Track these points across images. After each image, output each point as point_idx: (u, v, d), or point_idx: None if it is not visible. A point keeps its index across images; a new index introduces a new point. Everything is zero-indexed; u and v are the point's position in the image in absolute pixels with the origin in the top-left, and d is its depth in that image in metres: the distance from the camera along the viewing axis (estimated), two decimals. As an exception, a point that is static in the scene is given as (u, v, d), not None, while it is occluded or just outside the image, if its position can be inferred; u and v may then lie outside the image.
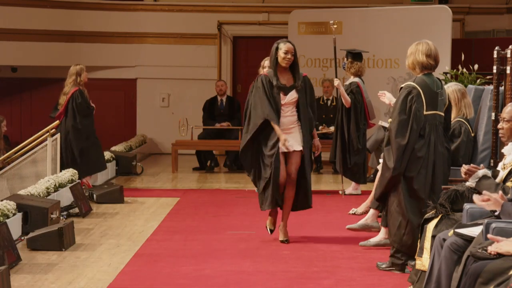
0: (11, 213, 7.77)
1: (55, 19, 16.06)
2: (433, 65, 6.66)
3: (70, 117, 11.08)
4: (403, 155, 6.52)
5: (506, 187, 5.59)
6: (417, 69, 6.68)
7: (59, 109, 11.14)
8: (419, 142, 6.55)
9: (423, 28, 13.09)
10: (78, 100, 11.08)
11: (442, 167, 6.65)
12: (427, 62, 6.63)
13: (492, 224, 4.76)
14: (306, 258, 7.27)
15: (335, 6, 15.37)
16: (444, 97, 6.73)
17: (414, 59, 6.67)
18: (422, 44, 6.69)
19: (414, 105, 6.53)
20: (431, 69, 6.67)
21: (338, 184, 11.62)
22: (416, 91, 6.57)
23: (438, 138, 6.64)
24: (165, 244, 7.96)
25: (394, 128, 6.56)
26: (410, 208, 6.56)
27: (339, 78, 10.77)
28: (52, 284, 6.43)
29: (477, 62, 11.35)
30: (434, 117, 6.63)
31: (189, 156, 14.71)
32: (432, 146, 6.59)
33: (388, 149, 6.61)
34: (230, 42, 16.72)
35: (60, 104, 11.16)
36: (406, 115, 6.53)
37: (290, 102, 7.87)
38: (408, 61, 6.72)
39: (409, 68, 6.75)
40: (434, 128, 6.62)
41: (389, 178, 6.59)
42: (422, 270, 5.81)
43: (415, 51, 6.67)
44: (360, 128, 10.75)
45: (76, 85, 11.14)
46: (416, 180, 6.55)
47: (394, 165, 6.51)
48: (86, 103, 11.17)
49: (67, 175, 10.07)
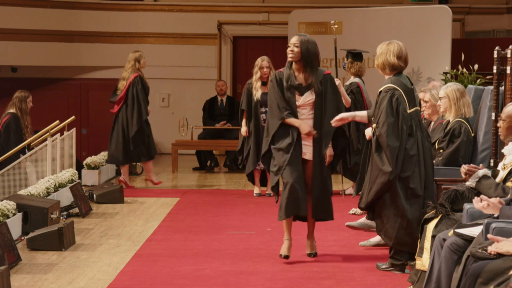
0: (11, 213, 7.77)
1: (55, 19, 16.06)
2: (403, 67, 6.68)
3: (130, 103, 11.28)
4: (397, 157, 6.50)
5: (506, 187, 5.60)
6: (387, 70, 6.69)
7: (118, 94, 11.37)
8: (410, 141, 6.56)
9: (423, 28, 13.09)
10: (138, 86, 11.33)
11: (430, 161, 6.67)
12: (397, 64, 6.64)
13: (492, 224, 4.76)
14: (306, 258, 7.27)
15: (335, 6, 15.37)
16: (416, 93, 6.80)
17: (384, 59, 6.65)
18: (393, 45, 6.68)
19: (400, 106, 6.54)
20: (401, 70, 6.68)
21: (338, 184, 11.62)
22: (399, 92, 6.58)
23: (423, 133, 6.67)
24: (165, 244, 7.96)
25: (384, 132, 6.50)
26: (409, 209, 6.55)
27: (339, 78, 10.77)
28: (52, 284, 6.43)
29: (477, 62, 11.36)
30: (416, 114, 6.69)
31: (189, 156, 14.71)
32: (420, 142, 6.61)
33: (379, 154, 6.54)
34: (230, 42, 16.72)
35: (119, 89, 11.45)
36: (394, 117, 6.53)
37: (307, 103, 7.03)
38: (378, 61, 6.69)
39: (377, 67, 6.73)
40: (418, 124, 6.65)
41: (386, 182, 6.52)
42: (422, 270, 5.81)
43: (386, 52, 6.66)
44: (360, 128, 10.73)
45: (135, 70, 11.35)
46: (412, 179, 6.54)
47: (391, 168, 6.47)
48: (146, 89, 11.38)
49: (67, 175, 10.07)
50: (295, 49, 6.98)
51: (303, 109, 7.02)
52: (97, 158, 12.10)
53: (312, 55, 6.98)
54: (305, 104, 7.00)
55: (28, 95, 11.17)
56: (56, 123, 10.83)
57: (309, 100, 7.00)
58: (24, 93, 11.13)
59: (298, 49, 6.98)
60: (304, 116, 7.01)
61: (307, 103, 7.00)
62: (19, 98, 11.05)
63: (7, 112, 11.06)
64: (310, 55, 6.98)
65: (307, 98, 7.00)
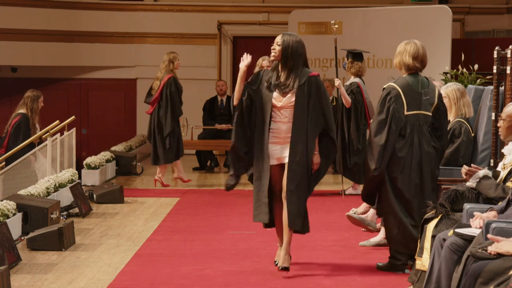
0: (11, 213, 7.77)
1: (55, 19, 16.06)
2: (419, 67, 6.67)
3: (164, 103, 11.49)
4: (382, 155, 6.54)
5: (506, 187, 5.60)
6: (402, 70, 6.71)
7: (153, 94, 11.47)
8: (400, 143, 6.58)
9: (423, 28, 13.10)
10: (172, 87, 11.52)
11: (429, 166, 6.64)
12: (413, 65, 6.64)
13: (492, 224, 4.76)
14: (306, 258, 7.27)
15: (335, 6, 15.37)
16: (430, 97, 6.68)
17: (400, 59, 6.68)
18: (410, 45, 6.68)
19: (392, 105, 6.57)
20: (416, 71, 6.68)
21: (338, 184, 11.62)
22: (395, 92, 6.59)
23: (423, 137, 6.62)
24: (165, 244, 7.95)
25: (373, 129, 6.63)
26: (399, 208, 6.60)
27: (340, 78, 10.77)
28: (52, 284, 6.42)
29: (477, 62, 11.36)
30: (417, 117, 6.62)
31: (189, 156, 14.69)
32: (416, 146, 6.59)
33: (369, 150, 6.66)
34: (230, 42, 16.72)
35: (153, 89, 11.57)
36: (384, 115, 6.57)
37: (289, 105, 6.60)
38: (395, 61, 6.73)
39: (396, 67, 6.77)
40: (417, 128, 6.61)
41: (371, 178, 6.65)
42: (422, 270, 5.81)
43: (403, 51, 6.67)
44: (360, 128, 10.75)
45: (169, 71, 11.49)
46: (399, 180, 6.58)
47: (375, 165, 6.56)
48: (179, 90, 11.59)
49: (67, 175, 10.07)
50: (277, 48, 6.61)
51: (285, 111, 6.61)
52: (97, 158, 12.10)
53: (295, 54, 6.59)
54: (287, 106, 6.59)
55: (40, 95, 11.21)
56: (56, 123, 10.83)
57: (291, 102, 6.60)
58: (36, 93, 11.17)
59: (280, 48, 6.61)
60: (287, 119, 6.59)
61: (289, 105, 6.60)
62: (31, 98, 11.06)
63: (18, 112, 11.06)
64: (292, 54, 6.59)
65: (289, 100, 6.60)
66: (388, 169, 6.60)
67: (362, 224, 8.10)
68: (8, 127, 10.98)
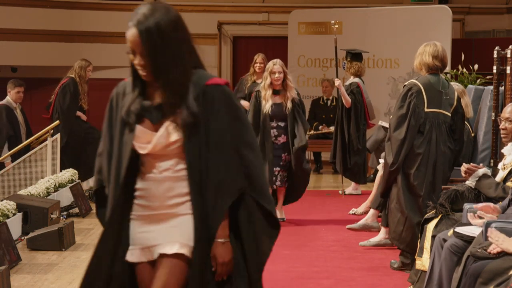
0: (11, 213, 7.76)
1: (55, 19, 16.06)
2: (439, 66, 6.69)
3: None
4: (401, 150, 6.56)
5: (506, 187, 5.60)
6: (423, 70, 6.73)
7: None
8: (419, 139, 6.60)
9: (423, 28, 13.09)
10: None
11: (443, 166, 6.66)
12: (433, 64, 6.66)
13: (492, 224, 4.76)
14: (306, 258, 7.27)
15: (335, 6, 15.36)
16: (450, 97, 6.74)
17: (421, 60, 6.71)
18: (430, 46, 6.73)
19: (413, 101, 6.60)
20: (437, 70, 6.69)
21: (338, 184, 11.62)
22: (417, 88, 6.63)
23: (441, 136, 6.65)
24: (165, 244, 7.94)
25: (393, 124, 6.66)
26: (408, 205, 6.61)
27: (339, 78, 10.77)
28: (52, 284, 6.42)
29: (477, 62, 11.36)
30: (437, 115, 6.64)
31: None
32: (433, 144, 6.61)
33: (388, 145, 6.69)
34: (230, 42, 16.72)
35: None
36: (405, 110, 6.61)
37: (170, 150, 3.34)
38: (416, 62, 6.77)
39: (416, 68, 6.80)
40: (436, 126, 6.63)
41: (389, 173, 6.68)
42: (422, 270, 5.82)
43: (423, 52, 6.72)
44: (360, 128, 10.74)
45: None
46: (414, 176, 6.59)
47: (392, 159, 6.59)
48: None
49: (67, 175, 10.06)
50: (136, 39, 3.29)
51: (162, 162, 3.32)
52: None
53: (166, 40, 3.34)
54: (164, 152, 3.31)
55: (88, 64, 11.35)
56: (57, 123, 10.83)
57: (173, 141, 3.29)
58: (85, 62, 11.33)
59: (138, 38, 3.28)
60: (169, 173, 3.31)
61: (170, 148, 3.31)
62: (80, 66, 11.25)
63: (66, 75, 11.28)
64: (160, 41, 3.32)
65: (170, 137, 3.29)
66: (403, 165, 6.63)
67: (365, 230, 8.11)
68: (55, 92, 11.17)
